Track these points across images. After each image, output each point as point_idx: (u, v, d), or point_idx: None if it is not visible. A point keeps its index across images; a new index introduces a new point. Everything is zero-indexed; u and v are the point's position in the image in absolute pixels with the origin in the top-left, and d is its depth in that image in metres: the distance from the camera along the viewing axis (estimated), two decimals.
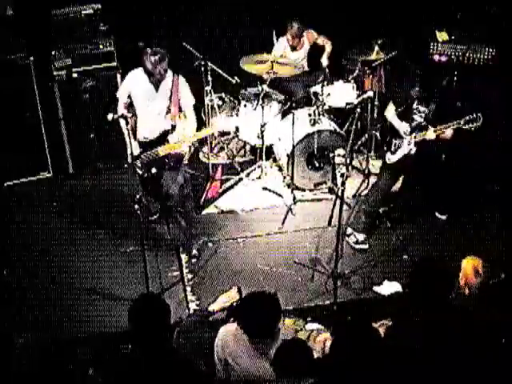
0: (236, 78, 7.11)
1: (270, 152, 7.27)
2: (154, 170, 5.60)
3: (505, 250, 5.65)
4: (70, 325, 5.23)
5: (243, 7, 7.99)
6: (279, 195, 6.87)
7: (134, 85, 5.63)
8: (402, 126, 5.77)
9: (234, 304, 4.18)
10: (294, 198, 6.72)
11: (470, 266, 4.22)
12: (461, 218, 6.31)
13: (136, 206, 4.93)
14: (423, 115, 5.69)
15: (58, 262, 5.90)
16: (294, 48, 7.35)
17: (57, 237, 6.24)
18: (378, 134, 7.20)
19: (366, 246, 6.11)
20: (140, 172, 5.65)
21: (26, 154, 7.00)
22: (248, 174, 7.18)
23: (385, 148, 5.97)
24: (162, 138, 5.57)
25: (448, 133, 5.54)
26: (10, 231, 6.35)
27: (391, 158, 5.87)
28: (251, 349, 3.70)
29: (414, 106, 5.74)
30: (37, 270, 5.82)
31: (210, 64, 6.86)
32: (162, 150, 5.54)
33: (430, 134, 5.54)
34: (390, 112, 5.94)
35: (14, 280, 5.71)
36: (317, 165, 6.85)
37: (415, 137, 5.66)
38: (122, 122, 5.57)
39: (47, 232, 6.30)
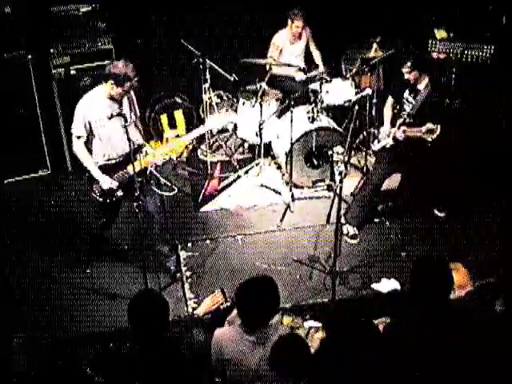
0: (234, 75, 7.10)
1: (268, 150, 7.26)
2: (120, 193, 5.28)
3: (505, 250, 5.66)
4: (69, 325, 5.25)
5: (243, 7, 8.01)
6: (278, 193, 6.87)
7: (90, 110, 5.17)
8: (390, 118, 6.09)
9: (221, 307, 4.15)
10: (293, 195, 6.71)
11: None
12: (460, 216, 6.31)
13: (135, 204, 4.94)
14: (410, 109, 5.86)
15: (58, 261, 5.90)
16: (299, 37, 7.34)
17: (56, 236, 6.23)
18: (376, 132, 7.19)
19: (356, 241, 6.16)
20: (101, 199, 5.31)
21: (24, 152, 6.99)
22: (246, 172, 7.18)
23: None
24: (129, 156, 4.96)
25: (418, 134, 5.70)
26: (9, 230, 6.33)
27: (374, 146, 6.23)
28: (248, 341, 3.65)
29: (405, 95, 5.92)
30: (37, 270, 5.82)
31: (208, 62, 6.85)
32: (137, 166, 5.10)
33: (398, 134, 5.82)
34: (388, 103, 6.23)
35: (13, 280, 5.72)
36: (315, 162, 6.85)
37: (391, 131, 5.95)
38: (81, 143, 5.20)
39: (46, 231, 6.29)
